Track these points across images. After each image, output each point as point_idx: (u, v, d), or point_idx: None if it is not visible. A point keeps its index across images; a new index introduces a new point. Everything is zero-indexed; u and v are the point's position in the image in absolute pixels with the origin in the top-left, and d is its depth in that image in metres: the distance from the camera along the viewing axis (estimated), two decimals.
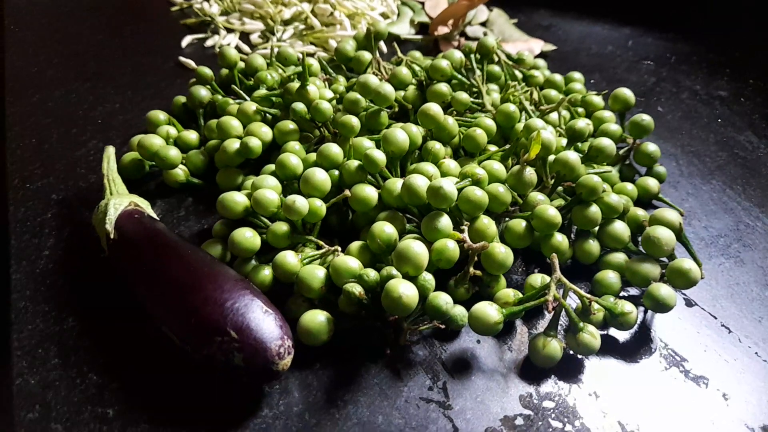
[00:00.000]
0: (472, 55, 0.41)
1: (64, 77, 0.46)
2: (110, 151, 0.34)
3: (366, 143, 0.33)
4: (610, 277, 0.30)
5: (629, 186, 0.35)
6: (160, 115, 0.39)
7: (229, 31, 0.52)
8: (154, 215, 0.31)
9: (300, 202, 0.28)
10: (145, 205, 0.31)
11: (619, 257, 0.31)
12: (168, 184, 0.35)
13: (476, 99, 0.40)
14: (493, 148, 0.36)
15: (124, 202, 0.30)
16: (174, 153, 0.34)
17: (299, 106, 0.35)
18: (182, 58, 0.48)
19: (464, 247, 0.27)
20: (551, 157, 0.32)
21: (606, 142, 0.33)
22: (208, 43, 0.51)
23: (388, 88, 0.36)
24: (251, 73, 0.42)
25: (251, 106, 0.36)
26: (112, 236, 0.28)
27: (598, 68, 0.52)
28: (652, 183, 0.36)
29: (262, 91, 0.38)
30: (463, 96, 0.38)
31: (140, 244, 0.27)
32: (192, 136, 0.38)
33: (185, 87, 0.45)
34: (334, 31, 0.51)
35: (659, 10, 0.62)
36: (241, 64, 0.43)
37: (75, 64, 0.48)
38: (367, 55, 0.44)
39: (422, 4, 0.58)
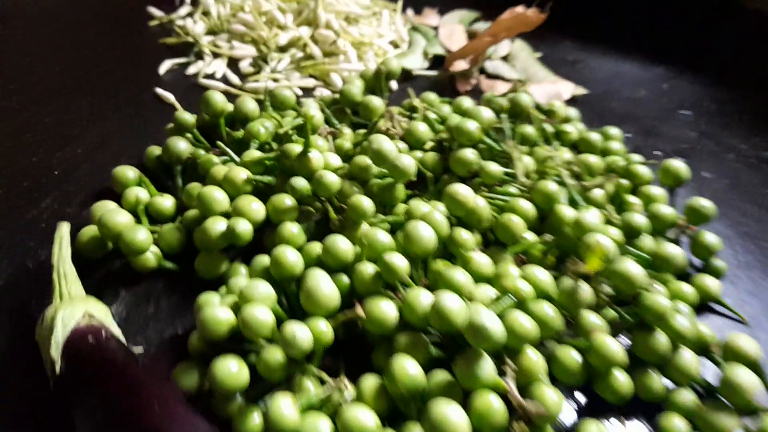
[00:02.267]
0: (503, 114, 0.35)
1: (16, 111, 0.39)
2: (63, 230, 0.27)
3: (381, 236, 0.27)
4: (677, 425, 0.24)
5: (687, 288, 0.30)
6: (129, 172, 0.32)
7: (216, 55, 0.45)
8: (115, 328, 0.25)
9: (301, 336, 0.22)
10: (104, 314, 0.25)
11: (688, 398, 0.25)
12: (135, 268, 0.29)
13: (507, 167, 0.34)
14: (528, 233, 0.30)
15: (77, 314, 0.23)
16: (142, 236, 0.27)
17: (300, 183, 0.29)
18: (159, 90, 0.41)
19: (513, 403, 0.22)
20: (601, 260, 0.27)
21: (674, 251, 0.27)
22: (191, 70, 0.44)
23: (407, 162, 0.30)
24: (240, 121, 0.35)
25: (240, 174, 0.30)
26: (57, 369, 0.22)
27: (632, 118, 0.47)
28: (712, 284, 0.31)
29: (254, 153, 0.31)
30: (494, 168, 0.32)
31: (92, 385, 0.21)
32: (167, 203, 0.31)
33: (162, 126, 0.38)
34: (337, 63, 0.44)
35: (692, 47, 0.56)
36: (229, 107, 0.36)
37: (31, 93, 0.40)
38: (377, 102, 0.37)
39: (435, 29, 0.52)
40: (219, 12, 0.48)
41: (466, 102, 0.41)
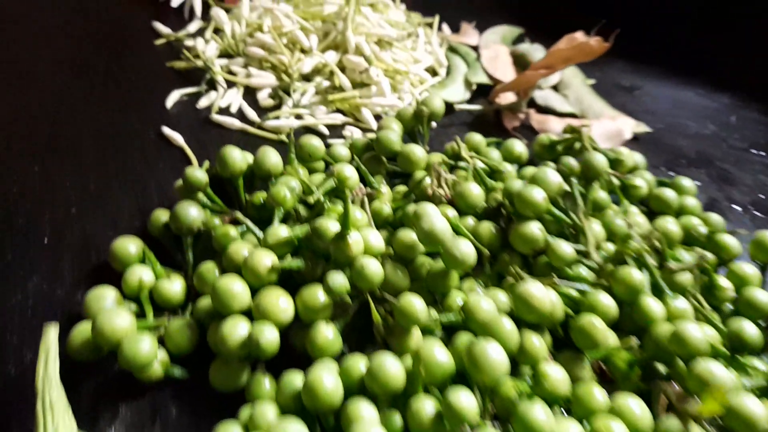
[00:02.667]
0: (572, 178, 0.29)
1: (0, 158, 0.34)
2: (50, 338, 0.22)
3: (439, 357, 0.22)
4: None
5: None
6: (131, 246, 0.27)
7: (230, 85, 0.40)
8: None
9: None
10: None
11: None
12: (139, 379, 0.24)
13: (575, 238, 0.29)
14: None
15: None
16: (146, 349, 0.22)
17: (338, 281, 0.23)
18: (167, 131, 0.36)
19: None
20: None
21: None
22: (202, 102, 0.38)
23: (465, 250, 0.24)
24: (262, 177, 0.30)
25: (264, 261, 0.24)
26: None
27: (702, 160, 0.41)
28: None
29: (280, 233, 0.26)
30: (566, 250, 0.27)
31: None
32: (175, 287, 0.26)
33: (170, 175, 0.33)
34: (369, 96, 0.39)
35: (756, 71, 0.50)
36: (249, 158, 0.31)
37: (20, 131, 0.35)
38: (419, 154, 0.32)
39: (475, 50, 0.46)
40: (234, 30, 0.42)
41: (518, 147, 0.36)
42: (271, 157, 0.30)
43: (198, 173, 0.29)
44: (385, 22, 0.43)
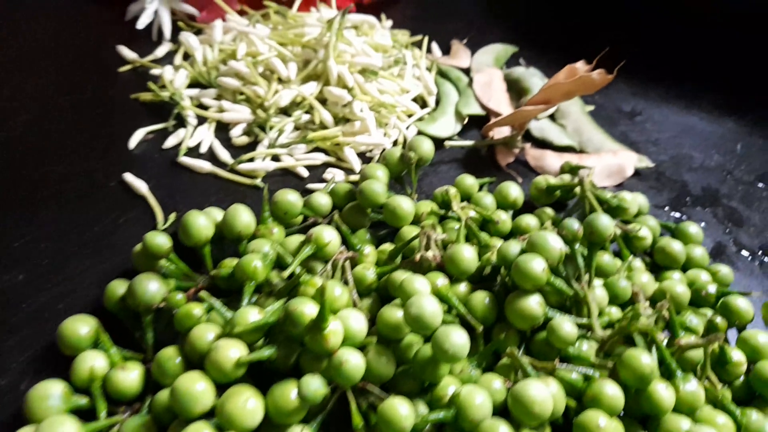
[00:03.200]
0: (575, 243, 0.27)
1: None
2: None
3: None
4: None
5: None
6: (81, 328, 0.24)
7: (201, 120, 0.37)
8: None
9: None
10: None
11: None
12: None
13: (574, 307, 0.26)
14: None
15: None
16: None
17: (313, 388, 0.21)
18: (129, 177, 0.33)
19: None
20: None
21: None
22: (169, 141, 0.35)
23: (458, 342, 0.22)
24: (232, 240, 0.27)
25: (229, 355, 0.22)
26: None
27: (707, 197, 0.38)
28: None
29: (248, 316, 0.23)
30: (569, 330, 0.24)
31: None
32: (131, 377, 0.23)
33: (133, 232, 0.30)
34: (353, 131, 0.36)
35: (761, 94, 0.48)
36: (218, 217, 0.28)
37: None
38: (406, 207, 0.29)
39: (467, 72, 0.43)
40: (205, 56, 0.39)
41: (513, 191, 0.33)
42: (242, 218, 0.27)
43: (159, 239, 0.26)
44: (370, 46, 0.40)
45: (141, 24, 0.42)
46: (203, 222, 0.26)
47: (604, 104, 0.44)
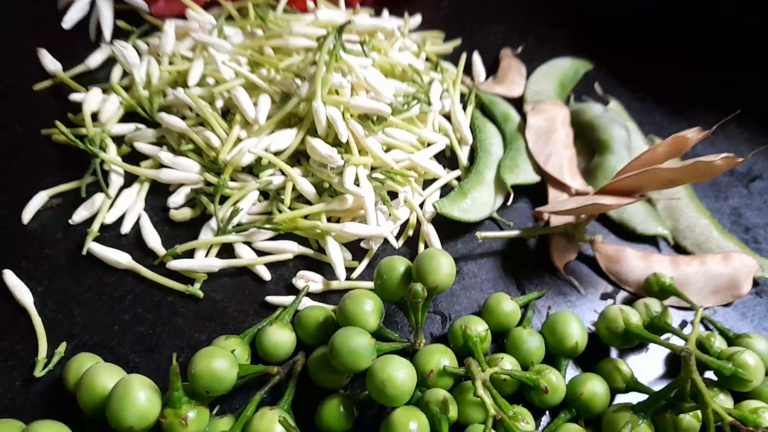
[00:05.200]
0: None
1: None
2: None
3: None
4: None
5: None
6: None
7: (131, 178, 0.26)
8: None
9: None
10: None
11: None
12: None
13: None
14: None
15: None
16: None
17: None
18: (9, 278, 0.22)
19: None
20: None
21: None
22: (79, 214, 0.25)
23: None
24: None
25: None
26: None
27: None
28: None
29: None
30: None
31: None
32: None
33: (7, 380, 0.20)
34: (342, 210, 0.24)
35: None
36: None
37: None
38: (401, 385, 0.19)
39: (518, 106, 0.31)
40: (149, 74, 0.28)
41: (574, 332, 0.22)
42: (137, 402, 0.17)
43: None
44: (382, 69, 0.28)
45: (68, 21, 0.30)
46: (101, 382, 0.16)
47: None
